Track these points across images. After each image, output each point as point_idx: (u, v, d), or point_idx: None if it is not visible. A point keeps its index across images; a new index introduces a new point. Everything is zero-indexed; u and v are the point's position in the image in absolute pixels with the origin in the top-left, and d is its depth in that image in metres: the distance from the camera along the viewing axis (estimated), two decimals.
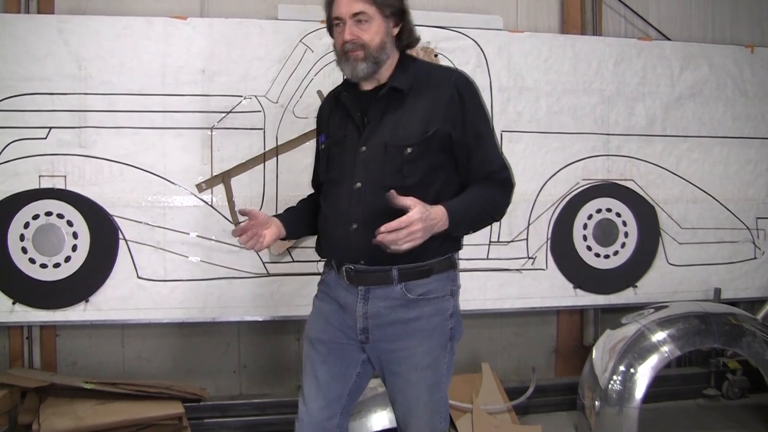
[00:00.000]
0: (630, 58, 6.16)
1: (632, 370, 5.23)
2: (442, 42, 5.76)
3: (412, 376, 3.32)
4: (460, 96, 3.27)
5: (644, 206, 6.23)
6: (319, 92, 5.52)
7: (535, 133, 5.97)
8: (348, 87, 3.43)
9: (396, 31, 3.35)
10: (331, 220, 3.36)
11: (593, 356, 5.53)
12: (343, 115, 3.41)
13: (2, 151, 5.23)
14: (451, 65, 5.70)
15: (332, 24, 3.34)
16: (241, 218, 4.25)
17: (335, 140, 3.40)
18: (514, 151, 5.91)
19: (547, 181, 6.00)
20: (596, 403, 5.33)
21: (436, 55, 5.73)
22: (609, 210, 6.16)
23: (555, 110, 5.98)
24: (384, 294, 3.29)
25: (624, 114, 6.16)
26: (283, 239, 3.59)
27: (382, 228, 2.89)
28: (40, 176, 5.28)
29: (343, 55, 3.28)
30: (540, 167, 6.01)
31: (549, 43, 6.01)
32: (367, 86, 3.37)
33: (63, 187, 5.30)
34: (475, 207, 3.23)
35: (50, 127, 5.27)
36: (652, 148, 6.23)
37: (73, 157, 5.31)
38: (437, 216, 3.04)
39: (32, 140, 5.26)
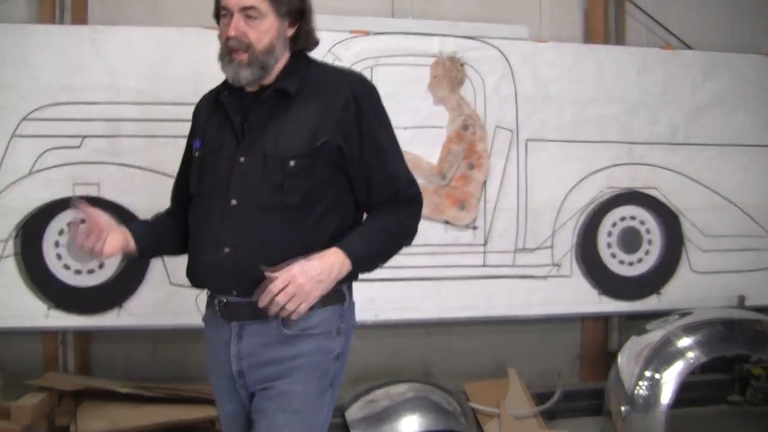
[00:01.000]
0: (653, 67, 6.34)
1: (658, 376, 5.39)
2: (468, 52, 5.96)
3: (277, 419, 2.84)
4: (356, 103, 2.86)
5: (668, 214, 6.41)
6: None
7: (559, 142, 6.16)
8: (230, 86, 2.95)
9: (291, 32, 2.96)
10: (200, 243, 2.93)
11: (619, 362, 5.72)
12: (221, 119, 2.97)
13: (37, 159, 5.41)
14: (477, 75, 5.90)
15: (219, 13, 2.91)
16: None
17: (211, 148, 2.95)
18: (539, 160, 6.11)
19: (572, 189, 6.19)
20: (623, 408, 5.48)
21: (462, 65, 5.93)
22: (633, 218, 6.34)
23: (579, 119, 6.16)
24: (259, 330, 2.84)
25: (647, 123, 6.33)
26: (133, 256, 3.10)
27: (259, 303, 2.65)
28: (73, 184, 5.46)
29: (226, 54, 2.86)
30: (564, 176, 6.19)
31: (573, 52, 6.21)
32: (251, 87, 2.93)
33: (96, 195, 5.46)
34: (378, 239, 2.88)
35: (84, 136, 5.45)
36: (675, 156, 6.40)
37: (107, 165, 5.49)
38: (328, 261, 2.71)
39: (66, 149, 5.44)
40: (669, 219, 6.43)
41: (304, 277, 2.62)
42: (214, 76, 5.41)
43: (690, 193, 6.46)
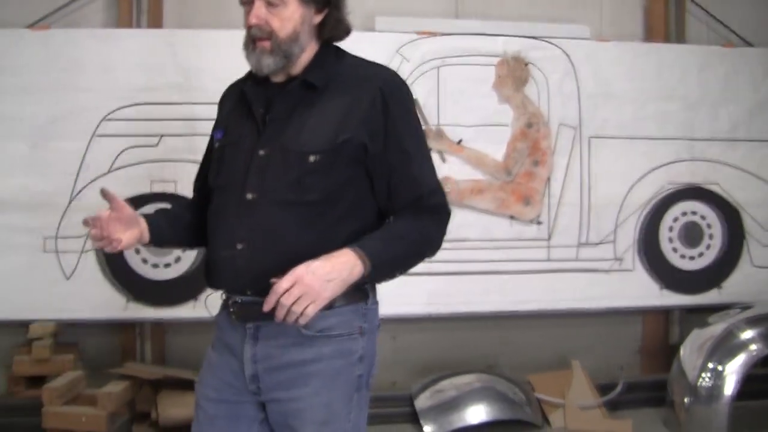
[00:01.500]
0: (713, 65, 6.47)
1: (720, 368, 5.53)
2: (532, 51, 6.15)
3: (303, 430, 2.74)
4: (384, 101, 2.71)
5: (728, 209, 6.55)
6: (415, 100, 5.88)
7: (621, 139, 6.31)
8: (255, 76, 2.85)
9: (318, 19, 2.80)
10: (215, 238, 2.81)
11: (681, 354, 5.85)
12: (244, 110, 2.85)
13: (116, 157, 5.68)
14: (540, 73, 6.09)
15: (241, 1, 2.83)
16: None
17: (231, 139, 2.84)
18: (602, 156, 6.28)
19: (634, 185, 6.34)
20: (686, 399, 5.63)
21: (526, 64, 6.12)
22: (694, 213, 6.48)
23: (640, 116, 6.31)
24: (276, 331, 2.68)
25: (708, 119, 6.46)
26: (147, 244, 2.99)
27: (264, 307, 2.50)
28: (151, 181, 5.73)
29: (250, 43, 2.78)
30: (626, 172, 6.35)
31: (634, 51, 6.37)
32: (277, 78, 2.82)
33: (173, 192, 5.73)
34: (396, 244, 2.69)
35: (161, 135, 5.71)
36: (736, 152, 6.53)
37: (183, 163, 5.69)
38: (339, 260, 2.54)
39: (144, 147, 5.70)
40: (730, 214, 6.56)
41: (312, 277, 2.46)
42: None
43: (751, 189, 6.57)
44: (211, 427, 2.82)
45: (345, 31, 2.89)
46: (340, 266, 2.52)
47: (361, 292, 2.72)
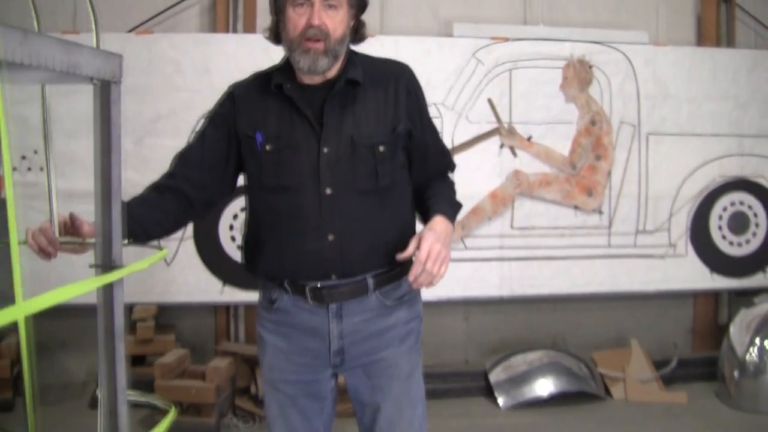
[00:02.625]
0: (762, 67, 7.05)
1: (767, 344, 6.13)
2: (596, 55, 6.73)
3: (393, 388, 3.03)
4: (414, 90, 3.06)
5: None
6: (490, 100, 6.51)
7: (677, 136, 6.89)
8: (285, 79, 2.95)
9: (353, 23, 3.00)
10: (291, 235, 2.91)
11: (731, 332, 6.45)
12: (285, 111, 2.93)
13: None
14: (603, 75, 6.67)
15: (285, 4, 2.87)
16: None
17: (286, 142, 2.90)
18: (658, 152, 6.87)
19: (687, 177, 6.93)
20: (735, 373, 6.23)
21: (590, 67, 6.70)
22: (742, 203, 7.08)
23: (695, 115, 6.89)
24: (360, 307, 2.96)
25: (756, 117, 7.05)
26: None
27: (410, 277, 2.73)
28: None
29: (301, 43, 2.82)
30: (681, 166, 6.94)
31: (690, 55, 6.96)
32: (310, 80, 2.94)
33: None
34: (453, 201, 3.08)
35: None
36: None
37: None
38: (443, 227, 2.84)
39: None
40: None
41: (440, 244, 2.71)
42: None
43: None
44: (294, 407, 3.03)
45: (363, 36, 3.08)
46: (447, 231, 2.83)
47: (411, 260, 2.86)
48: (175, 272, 6.24)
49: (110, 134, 1.99)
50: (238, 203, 6.22)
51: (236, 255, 6.25)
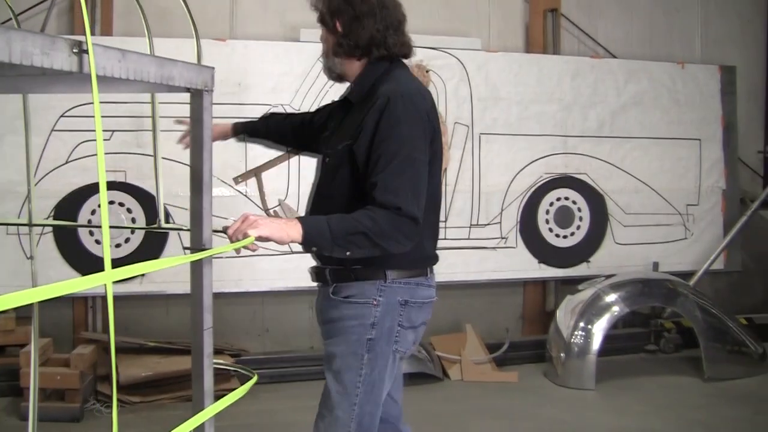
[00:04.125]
0: (584, 73, 7.80)
1: (590, 326, 6.84)
2: (432, 60, 7.34)
3: (327, 375, 3.37)
4: (381, 111, 3.14)
5: (595, 195, 7.90)
6: (333, 102, 6.98)
7: (507, 135, 7.57)
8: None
9: (332, 39, 3.36)
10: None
11: (557, 317, 7.16)
12: None
13: (73, 150, 6.54)
14: (439, 79, 7.29)
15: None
16: (270, 205, 5.70)
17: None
18: (490, 150, 7.53)
19: (516, 174, 7.63)
20: (561, 354, 6.93)
21: (427, 71, 7.31)
22: (567, 198, 7.83)
23: (523, 116, 7.59)
24: (323, 292, 3.42)
25: (579, 119, 7.79)
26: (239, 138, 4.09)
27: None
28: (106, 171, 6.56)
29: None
30: (511, 163, 7.62)
31: (518, 60, 7.67)
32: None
33: (124, 181, 6.65)
34: (337, 223, 3.04)
35: (113, 130, 6.57)
36: (602, 147, 7.89)
37: (132, 155, 6.62)
38: (280, 222, 3.05)
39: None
40: (596, 199, 7.90)
41: (260, 218, 2.95)
42: (220, 79, 7.06)
43: (614, 178, 7.95)
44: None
45: (376, 46, 3.35)
46: (282, 224, 3.02)
47: (379, 271, 3.23)
48: (35, 265, 6.47)
49: (203, 136, 2.48)
50: (96, 199, 6.56)
51: (95, 248, 6.62)
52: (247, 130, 4.07)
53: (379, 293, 3.25)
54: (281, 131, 4.09)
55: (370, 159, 3.16)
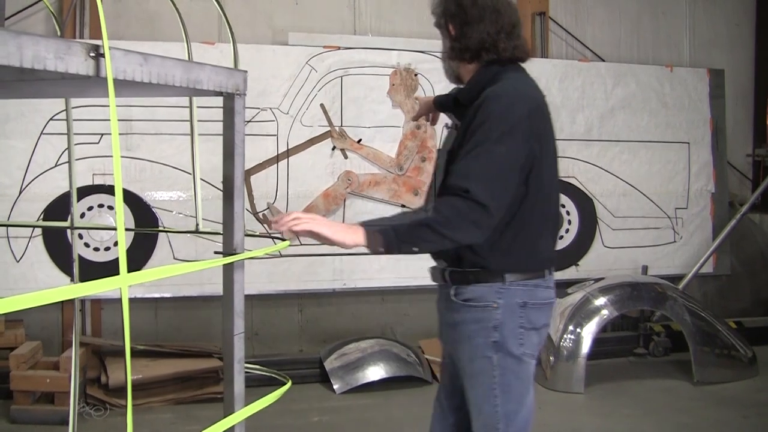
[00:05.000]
0: (572, 76, 7.87)
1: (579, 330, 6.87)
2: (421, 64, 7.41)
3: (465, 383, 3.42)
4: (476, 110, 3.19)
5: (584, 199, 7.95)
6: (322, 105, 7.12)
7: None
8: None
9: (447, 42, 3.51)
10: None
11: None
12: None
13: (62, 153, 6.58)
14: (428, 82, 7.36)
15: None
16: (259, 208, 5.73)
17: None
18: None
19: None
20: (551, 358, 6.94)
21: (416, 75, 7.38)
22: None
23: None
24: (443, 294, 3.45)
25: (567, 122, 7.82)
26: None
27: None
28: (93, 174, 6.68)
29: None
30: None
31: None
32: None
33: (112, 184, 6.64)
34: (404, 218, 3.21)
35: (102, 134, 6.62)
36: (590, 150, 7.95)
37: (121, 159, 6.65)
38: (341, 225, 3.21)
39: (87, 144, 6.58)
40: (585, 203, 7.95)
41: (311, 218, 3.08)
42: None
43: (602, 181, 8.00)
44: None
45: (484, 50, 3.43)
46: (339, 228, 3.14)
47: (496, 274, 3.27)
48: (24, 268, 6.60)
49: (234, 140, 2.46)
50: (86, 202, 6.68)
51: (84, 252, 6.66)
52: (446, 107, 4.00)
53: (498, 296, 3.28)
54: None
55: (462, 148, 3.20)
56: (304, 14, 7.51)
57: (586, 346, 6.81)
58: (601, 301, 7.01)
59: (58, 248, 6.67)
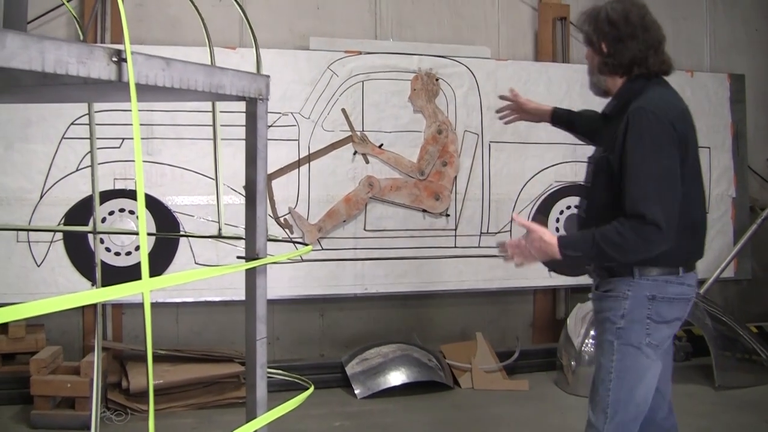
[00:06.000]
0: None
1: None
2: (442, 68, 7.38)
3: (597, 362, 3.85)
4: (627, 124, 3.51)
5: None
6: (343, 110, 7.08)
7: (516, 144, 7.58)
8: None
9: (598, 58, 3.86)
10: None
11: (568, 325, 7.15)
12: None
13: (83, 158, 6.57)
14: (449, 87, 7.32)
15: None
16: (281, 213, 5.64)
17: None
18: (500, 159, 7.56)
19: (527, 183, 7.64)
20: (572, 362, 6.91)
21: (437, 79, 7.33)
22: (577, 206, 7.64)
23: (532, 125, 7.37)
24: (595, 287, 3.87)
25: None
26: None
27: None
28: (114, 179, 6.67)
29: None
30: (520, 172, 7.63)
31: (527, 69, 7.68)
32: None
33: (133, 188, 6.64)
34: (581, 236, 3.64)
35: (123, 138, 6.59)
36: None
37: (143, 163, 6.65)
38: (549, 238, 3.58)
39: (109, 149, 6.56)
40: None
41: (530, 243, 3.67)
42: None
43: None
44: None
45: (633, 64, 3.80)
46: (545, 245, 3.61)
47: (628, 268, 3.62)
48: (45, 272, 6.57)
49: (256, 145, 2.47)
50: (107, 206, 6.62)
51: (105, 256, 6.60)
52: (563, 121, 4.82)
53: (628, 288, 3.64)
54: (591, 128, 4.49)
55: (621, 170, 3.53)
56: (326, 19, 7.47)
57: None
58: None
59: (79, 252, 6.63)
